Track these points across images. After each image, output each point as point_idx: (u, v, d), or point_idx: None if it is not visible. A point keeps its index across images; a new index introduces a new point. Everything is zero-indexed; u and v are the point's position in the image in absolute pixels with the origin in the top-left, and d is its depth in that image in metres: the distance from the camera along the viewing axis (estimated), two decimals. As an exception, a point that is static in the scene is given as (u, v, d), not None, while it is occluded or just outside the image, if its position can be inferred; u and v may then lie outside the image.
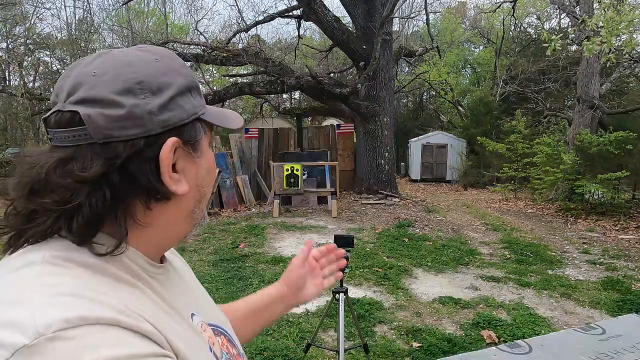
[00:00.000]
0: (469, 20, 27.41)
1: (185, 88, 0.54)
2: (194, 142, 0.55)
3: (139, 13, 20.94)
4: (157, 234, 0.54)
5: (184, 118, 0.53)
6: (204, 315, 0.62)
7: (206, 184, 0.59)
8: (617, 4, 5.72)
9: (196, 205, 0.58)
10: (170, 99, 0.52)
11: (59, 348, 0.37)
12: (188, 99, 0.54)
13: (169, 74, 0.53)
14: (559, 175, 9.19)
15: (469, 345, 3.17)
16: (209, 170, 0.59)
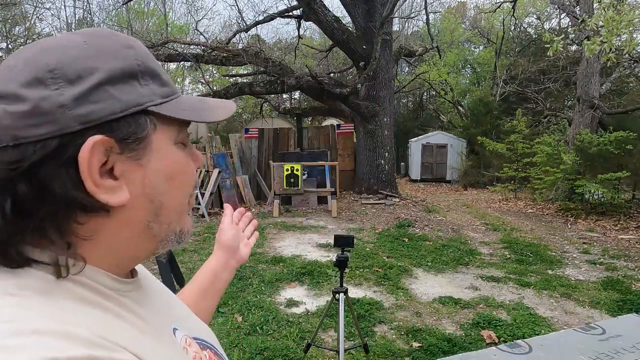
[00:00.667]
0: (469, 20, 27.41)
1: (121, 73, 0.44)
2: (134, 140, 0.44)
3: (139, 13, 20.95)
4: (109, 253, 0.45)
5: (117, 111, 0.42)
6: (187, 329, 0.56)
7: (162, 192, 0.47)
8: (617, 3, 5.72)
9: (153, 219, 0.47)
10: (92, 88, 0.42)
11: None
12: (127, 87, 0.44)
13: (97, 57, 0.43)
14: (559, 175, 9.19)
15: (469, 345, 3.17)
16: (169, 175, 0.47)
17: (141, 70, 0.46)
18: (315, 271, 4.78)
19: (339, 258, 2.36)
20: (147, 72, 0.46)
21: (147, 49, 0.49)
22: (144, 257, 0.50)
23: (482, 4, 27.03)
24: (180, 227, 0.51)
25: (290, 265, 5.04)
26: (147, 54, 0.48)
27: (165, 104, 0.47)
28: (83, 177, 0.41)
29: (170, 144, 0.48)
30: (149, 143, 0.46)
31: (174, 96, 0.48)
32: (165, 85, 0.48)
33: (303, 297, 4.15)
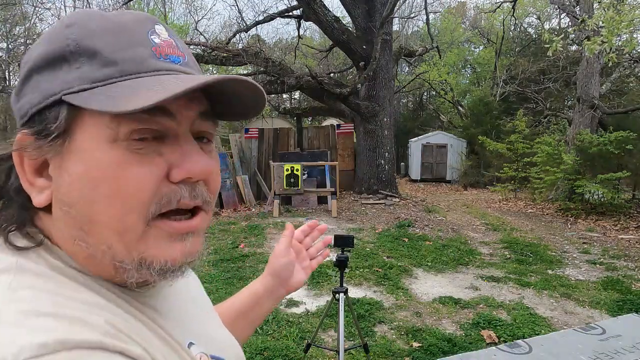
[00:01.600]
0: (469, 20, 27.42)
1: (47, 58, 0.39)
2: (47, 135, 0.38)
3: (139, 13, 20.94)
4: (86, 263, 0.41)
5: (35, 103, 0.39)
6: (204, 345, 0.50)
7: (78, 202, 0.38)
8: (616, 3, 5.72)
9: (77, 235, 0.39)
10: (24, 79, 0.40)
11: None
12: (55, 74, 0.39)
13: (35, 46, 0.41)
14: (559, 175, 9.19)
15: (469, 345, 3.17)
16: (91, 180, 0.38)
17: (72, 51, 0.38)
18: (315, 271, 4.77)
19: (339, 258, 2.36)
20: (83, 52, 0.38)
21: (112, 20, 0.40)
22: (118, 278, 0.41)
23: (482, 4, 27.04)
24: (140, 255, 0.39)
25: (290, 265, 5.04)
26: (94, 32, 0.39)
27: (89, 90, 0.38)
28: (19, 174, 0.40)
29: (101, 142, 0.38)
30: (71, 140, 0.38)
31: (114, 79, 0.38)
32: (110, 64, 0.38)
33: (303, 297, 4.15)
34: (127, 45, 0.39)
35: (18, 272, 0.37)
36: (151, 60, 0.40)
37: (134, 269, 0.40)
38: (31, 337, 0.31)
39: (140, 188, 0.38)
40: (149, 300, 0.45)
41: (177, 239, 0.41)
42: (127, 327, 0.38)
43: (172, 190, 0.40)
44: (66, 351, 0.31)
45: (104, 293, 0.40)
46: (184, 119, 0.41)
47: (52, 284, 0.37)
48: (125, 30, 0.40)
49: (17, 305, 0.34)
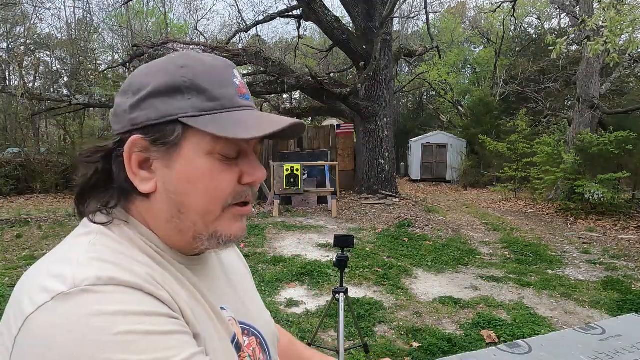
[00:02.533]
0: (469, 20, 27.42)
1: (165, 88, 0.53)
2: (162, 143, 0.53)
3: (138, 13, 20.94)
4: (157, 230, 0.57)
5: (152, 118, 0.53)
6: (235, 313, 0.63)
7: (181, 192, 0.54)
8: (617, 3, 5.71)
9: (175, 214, 0.55)
10: (142, 99, 0.53)
11: (88, 298, 0.44)
12: (169, 100, 0.53)
13: (153, 74, 0.54)
14: (560, 175, 9.19)
15: (469, 345, 3.17)
16: (191, 179, 0.54)
17: (186, 86, 0.53)
18: (315, 271, 4.78)
19: (339, 258, 2.36)
20: (193, 88, 0.53)
21: (207, 68, 0.55)
22: (185, 247, 0.58)
23: (482, 4, 27.04)
24: (214, 229, 0.57)
25: (290, 265, 5.04)
26: (202, 73, 0.54)
27: (200, 117, 0.53)
28: (126, 165, 0.54)
29: (202, 153, 0.54)
30: (179, 148, 0.54)
31: (220, 110, 0.54)
32: (213, 100, 0.54)
33: (303, 297, 4.15)
34: (222, 86, 0.55)
35: (98, 235, 0.53)
36: (237, 98, 0.56)
37: (206, 239, 0.57)
38: (94, 272, 0.46)
39: (223, 188, 0.55)
40: (195, 268, 0.60)
41: (238, 220, 0.59)
42: (162, 279, 0.51)
43: (243, 190, 0.58)
44: (114, 285, 0.45)
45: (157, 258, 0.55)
46: (252, 143, 0.58)
47: (119, 245, 0.53)
48: (219, 73, 0.55)
49: (90, 254, 0.49)
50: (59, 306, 0.43)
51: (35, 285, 0.46)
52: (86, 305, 0.43)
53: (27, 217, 8.27)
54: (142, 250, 0.54)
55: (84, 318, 0.42)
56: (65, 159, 13.32)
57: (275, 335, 0.73)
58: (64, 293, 0.43)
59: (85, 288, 0.44)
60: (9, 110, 15.31)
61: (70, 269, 0.46)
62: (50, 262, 0.50)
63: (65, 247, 0.53)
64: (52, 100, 9.70)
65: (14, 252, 5.84)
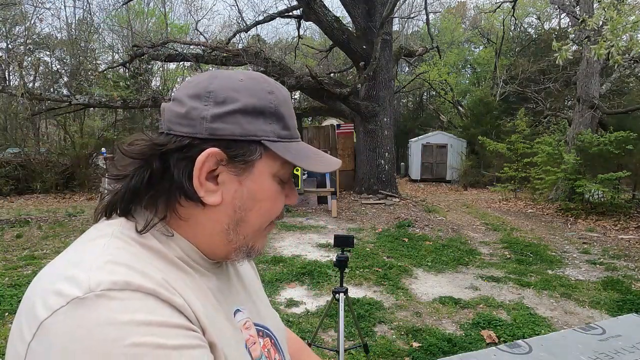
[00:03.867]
0: (469, 20, 27.42)
1: (253, 109, 0.55)
2: (242, 160, 0.55)
3: (138, 13, 20.93)
4: (195, 235, 0.57)
5: (236, 134, 0.54)
6: (250, 314, 0.65)
7: (246, 208, 0.57)
8: (617, 3, 5.70)
9: (232, 227, 0.57)
10: (228, 113, 0.54)
11: (103, 304, 0.43)
12: (254, 120, 0.55)
13: (242, 92, 0.55)
14: (560, 175, 9.19)
15: (469, 345, 3.17)
16: (257, 197, 0.57)
17: (271, 112, 0.56)
18: (315, 271, 4.78)
19: (339, 258, 2.36)
20: (275, 114, 0.56)
21: (285, 98, 0.59)
22: (220, 256, 0.60)
23: (482, 4, 27.04)
24: (253, 243, 0.60)
25: (290, 265, 5.04)
26: (283, 102, 0.58)
27: (278, 142, 0.56)
28: (194, 173, 0.53)
29: (269, 175, 0.57)
30: (252, 167, 0.56)
31: (290, 140, 0.58)
32: (287, 129, 0.58)
33: (303, 297, 4.15)
34: (292, 117, 0.59)
35: (113, 238, 0.53)
36: (296, 131, 0.60)
37: (244, 251, 0.60)
38: (109, 276, 0.45)
39: (278, 209, 0.61)
40: (215, 271, 0.62)
41: (265, 235, 0.63)
42: (178, 285, 0.51)
43: (282, 210, 0.62)
44: (129, 291, 0.45)
45: (172, 259, 0.55)
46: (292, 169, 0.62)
47: (133, 249, 0.52)
48: (290, 105, 0.60)
49: (106, 257, 0.48)
50: (75, 312, 0.42)
51: (49, 289, 0.45)
52: (101, 312, 0.43)
53: (27, 217, 8.26)
54: (159, 254, 0.54)
55: (99, 327, 0.42)
56: (65, 159, 13.32)
57: (285, 335, 0.74)
58: (79, 298, 0.43)
59: (100, 293, 0.43)
60: (9, 110, 15.31)
61: (85, 272, 0.46)
62: (63, 264, 0.49)
63: (79, 249, 0.52)
64: (52, 100, 9.70)
65: (14, 252, 5.84)
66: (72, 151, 13.32)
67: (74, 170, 12.96)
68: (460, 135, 17.72)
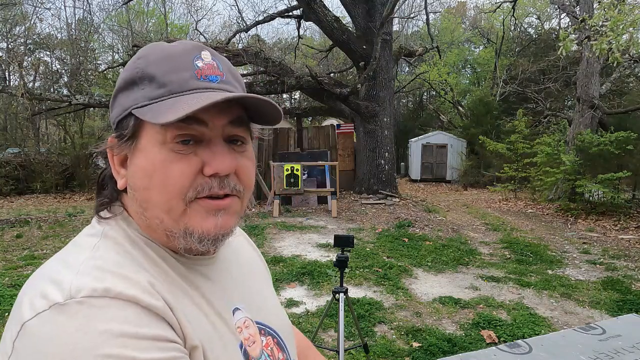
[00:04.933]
0: (469, 20, 27.41)
1: (126, 82, 0.53)
2: (123, 138, 0.53)
3: (138, 13, 20.94)
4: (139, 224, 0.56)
5: (118, 115, 0.54)
6: (251, 312, 0.62)
7: (141, 187, 0.52)
8: (617, 3, 5.70)
9: (140, 211, 0.54)
10: (113, 97, 0.55)
11: (81, 311, 0.43)
12: (129, 93, 0.53)
13: (122, 72, 0.55)
14: (559, 175, 9.18)
15: (469, 345, 3.17)
16: (148, 172, 0.51)
17: (139, 77, 0.52)
18: (315, 271, 4.78)
19: (339, 258, 2.36)
20: (145, 77, 0.52)
21: (162, 55, 0.53)
22: (172, 244, 0.56)
23: (482, 4, 27.06)
24: (185, 226, 0.53)
25: (290, 265, 5.04)
26: (155, 60, 0.52)
27: (147, 106, 0.51)
28: (110, 165, 0.55)
29: (156, 144, 0.51)
30: (138, 142, 0.53)
31: (164, 97, 0.51)
32: (163, 86, 0.51)
33: (303, 297, 4.15)
34: (174, 70, 0.52)
35: (102, 238, 0.53)
36: (192, 81, 0.52)
37: (181, 236, 0.53)
38: (91, 282, 0.45)
39: (177, 180, 0.51)
40: (200, 268, 0.59)
41: (211, 214, 0.53)
42: (162, 287, 0.50)
43: (205, 182, 0.52)
44: (109, 298, 0.45)
45: (158, 261, 0.54)
46: (215, 126, 0.53)
47: (122, 249, 0.52)
48: (174, 58, 0.52)
49: (92, 261, 0.49)
50: (55, 317, 0.43)
51: (37, 290, 0.47)
52: (78, 319, 0.43)
53: (27, 217, 8.26)
54: (145, 254, 0.54)
55: (75, 334, 0.42)
56: (65, 159, 13.32)
57: (292, 334, 0.72)
58: (59, 304, 0.44)
59: (80, 300, 0.44)
60: (9, 110, 15.32)
61: (70, 276, 0.46)
62: (55, 265, 0.51)
63: (71, 250, 0.53)
64: (52, 100, 9.70)
65: (14, 252, 5.84)
66: (72, 151, 13.33)
67: (74, 170, 12.96)
68: (460, 135, 17.71)
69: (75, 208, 9.76)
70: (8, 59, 13.92)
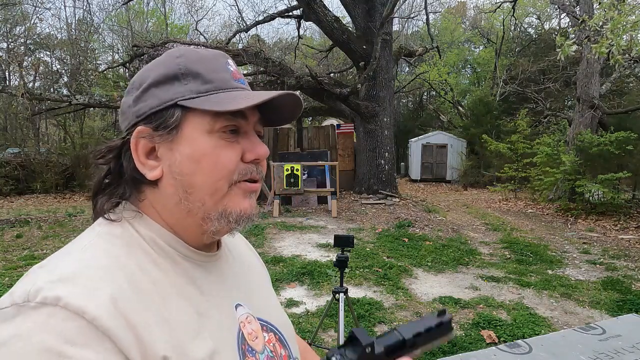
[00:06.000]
0: (469, 20, 27.41)
1: (165, 77, 0.56)
2: (165, 127, 0.55)
3: (138, 13, 20.94)
4: (160, 216, 0.58)
5: (154, 106, 0.56)
6: (253, 309, 0.64)
7: (187, 173, 0.55)
8: (617, 4, 5.69)
9: (183, 196, 0.56)
10: (144, 91, 0.57)
11: (30, 317, 0.44)
12: (169, 87, 0.56)
13: (152, 68, 0.58)
14: (559, 175, 9.18)
15: (469, 345, 3.17)
16: (194, 158, 0.55)
17: (182, 73, 0.56)
18: (315, 271, 4.78)
19: (339, 258, 2.36)
20: (189, 74, 0.56)
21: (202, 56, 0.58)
22: (198, 232, 0.58)
23: (482, 4, 27.05)
24: (223, 207, 0.57)
25: (290, 265, 5.04)
26: (197, 60, 0.57)
27: (196, 98, 0.55)
28: (134, 157, 0.56)
29: (202, 132, 0.55)
30: (180, 131, 0.55)
31: (214, 91, 0.56)
32: (208, 82, 0.56)
33: (303, 297, 4.15)
34: (217, 70, 0.58)
35: (96, 238, 0.54)
36: (232, 81, 0.58)
37: (216, 219, 0.57)
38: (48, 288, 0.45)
39: (226, 164, 0.56)
40: (207, 265, 0.61)
41: (247, 196, 0.59)
42: (133, 301, 0.49)
43: (247, 167, 0.58)
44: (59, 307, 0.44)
45: (157, 260, 0.55)
46: (251, 121, 0.59)
47: (112, 250, 0.52)
48: (213, 60, 0.58)
49: (74, 263, 0.49)
50: (7, 317, 0.44)
51: (20, 281, 0.48)
52: (24, 324, 0.43)
53: (27, 217, 8.26)
54: (144, 251, 0.54)
55: (15, 337, 0.43)
56: (65, 159, 13.32)
57: (293, 332, 0.74)
58: (17, 305, 0.45)
59: (34, 305, 0.44)
60: (9, 110, 15.31)
61: (40, 278, 0.47)
62: (45, 262, 0.51)
63: (63, 250, 0.54)
64: (52, 100, 9.70)
65: (14, 252, 5.84)
66: (72, 151, 13.34)
67: (74, 170, 12.97)
68: (460, 135, 17.71)
69: (75, 208, 9.75)
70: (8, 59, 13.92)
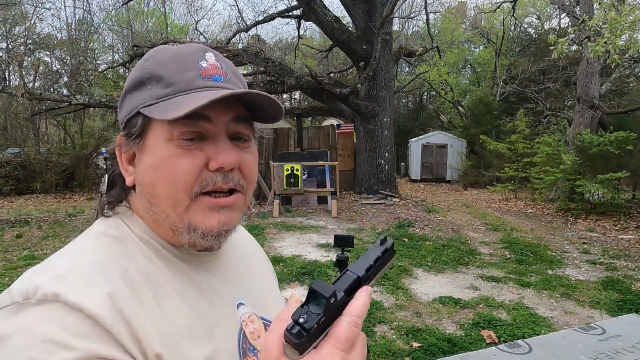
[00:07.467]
0: (469, 20, 27.41)
1: (135, 83, 0.56)
2: (132, 136, 0.55)
3: (138, 13, 20.95)
4: (144, 219, 0.58)
5: (126, 114, 0.56)
6: (255, 308, 0.64)
7: (149, 182, 0.54)
8: (617, 4, 5.69)
9: (148, 206, 0.55)
10: (122, 97, 0.58)
11: (30, 313, 0.44)
12: (137, 93, 0.55)
13: (131, 73, 0.58)
14: (559, 175, 9.18)
15: (469, 345, 3.17)
16: (155, 167, 0.53)
17: (147, 77, 0.55)
18: (315, 271, 4.78)
19: (339, 258, 2.35)
20: (153, 77, 0.54)
21: (169, 57, 0.55)
22: (176, 240, 0.57)
23: (482, 4, 27.05)
24: (188, 221, 0.54)
25: (290, 265, 5.04)
26: (162, 62, 0.55)
27: (153, 105, 0.53)
28: (119, 163, 0.57)
29: (162, 141, 0.53)
30: (145, 139, 0.55)
31: (171, 96, 0.53)
32: (169, 85, 0.53)
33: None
34: (182, 71, 0.54)
35: (94, 238, 0.55)
36: (197, 81, 0.54)
37: (185, 232, 0.54)
38: (46, 286, 0.46)
39: (182, 175, 0.53)
40: (204, 264, 0.60)
41: (215, 210, 0.55)
42: (131, 297, 0.49)
43: (210, 176, 0.54)
44: (59, 302, 0.44)
45: (152, 258, 0.55)
46: (219, 123, 0.54)
47: (110, 250, 0.53)
48: (180, 59, 0.55)
49: (71, 262, 0.50)
50: (9, 314, 0.45)
51: (18, 281, 0.49)
52: (26, 319, 0.44)
53: (27, 217, 8.26)
54: (140, 254, 0.55)
55: (18, 330, 0.44)
56: (65, 159, 13.32)
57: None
58: (18, 303, 0.45)
59: (34, 302, 0.45)
60: (9, 110, 15.31)
61: (38, 277, 0.48)
62: (46, 261, 0.52)
63: (62, 251, 0.54)
64: (52, 100, 9.70)
65: (14, 252, 5.84)
66: (72, 151, 13.33)
67: (74, 170, 12.96)
68: (460, 135, 17.71)
69: (75, 208, 9.75)
70: (8, 59, 13.92)
